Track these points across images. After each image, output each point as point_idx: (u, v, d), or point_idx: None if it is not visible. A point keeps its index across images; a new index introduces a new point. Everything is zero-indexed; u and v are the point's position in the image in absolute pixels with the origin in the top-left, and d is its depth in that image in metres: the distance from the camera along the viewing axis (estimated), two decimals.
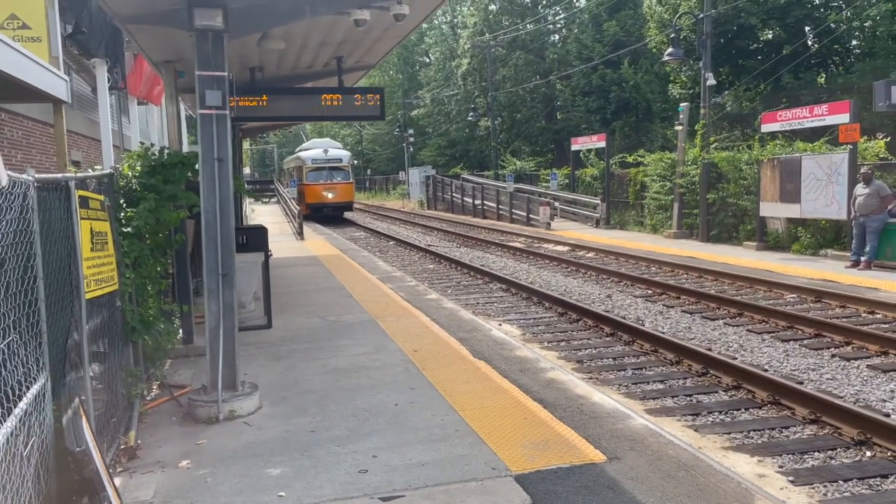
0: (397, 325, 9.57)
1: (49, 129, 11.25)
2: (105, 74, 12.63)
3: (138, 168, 6.73)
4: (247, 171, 66.21)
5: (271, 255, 10.13)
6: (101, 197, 5.30)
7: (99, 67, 12.53)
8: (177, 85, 9.44)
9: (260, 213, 37.14)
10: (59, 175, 4.34)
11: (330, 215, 35.36)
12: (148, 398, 6.64)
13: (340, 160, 36.70)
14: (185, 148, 14.03)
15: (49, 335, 3.84)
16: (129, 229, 6.16)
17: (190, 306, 8.05)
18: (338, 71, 10.52)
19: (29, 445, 3.28)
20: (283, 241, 22.20)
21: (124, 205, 6.34)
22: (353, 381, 7.07)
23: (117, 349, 5.76)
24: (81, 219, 4.57)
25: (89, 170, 6.40)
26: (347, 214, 38.10)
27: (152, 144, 9.80)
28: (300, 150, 40.23)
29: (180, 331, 8.27)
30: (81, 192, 4.64)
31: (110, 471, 4.43)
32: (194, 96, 9.21)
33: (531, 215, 28.23)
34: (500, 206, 32.07)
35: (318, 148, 37.68)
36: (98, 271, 4.93)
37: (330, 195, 35.38)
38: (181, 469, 5.02)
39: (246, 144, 41.63)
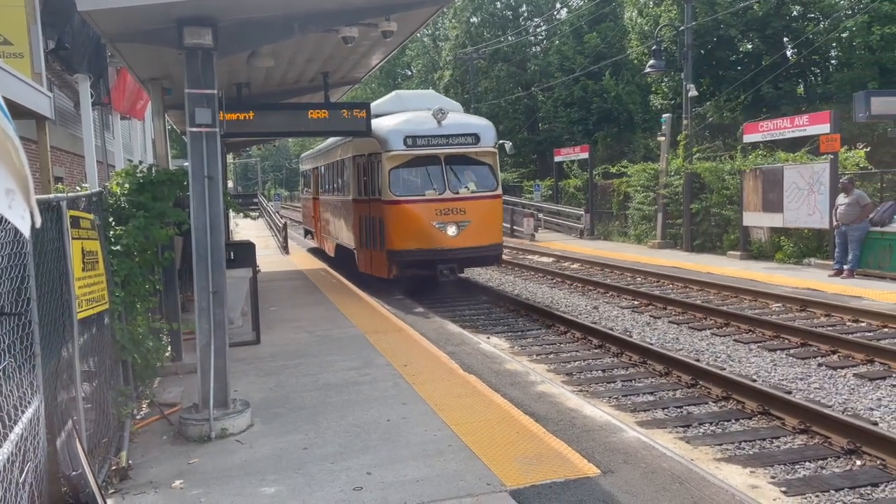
0: (386, 339, 9.56)
1: (31, 146, 11.14)
2: (88, 90, 12.57)
3: (127, 186, 6.70)
4: (230, 184, 65.91)
5: (259, 270, 10.09)
6: (92, 216, 5.27)
7: (82, 83, 12.47)
8: (164, 102, 9.41)
9: (244, 226, 36.92)
10: (52, 196, 4.32)
11: (449, 276, 13.95)
12: (138, 417, 6.58)
13: (476, 138, 14.50)
14: (170, 162, 13.99)
15: (42, 357, 3.81)
16: (118, 247, 6.13)
17: (179, 323, 7.99)
18: (324, 86, 10.55)
19: (25, 471, 3.25)
20: (268, 255, 22.10)
21: (113, 223, 6.30)
22: (344, 396, 7.04)
23: (107, 368, 5.71)
24: (73, 239, 4.54)
25: (77, 188, 6.36)
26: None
27: (140, 162, 9.76)
28: (371, 115, 11.39)
29: (169, 348, 8.21)
30: (73, 212, 4.61)
31: (103, 493, 4.38)
32: (180, 112, 9.16)
33: (515, 227, 28.32)
34: None
35: (421, 109, 14.98)
36: (89, 291, 4.90)
37: (452, 229, 13.77)
38: (174, 489, 4.98)
39: (229, 158, 40.60)
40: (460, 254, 13.78)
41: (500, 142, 14.56)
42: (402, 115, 14.57)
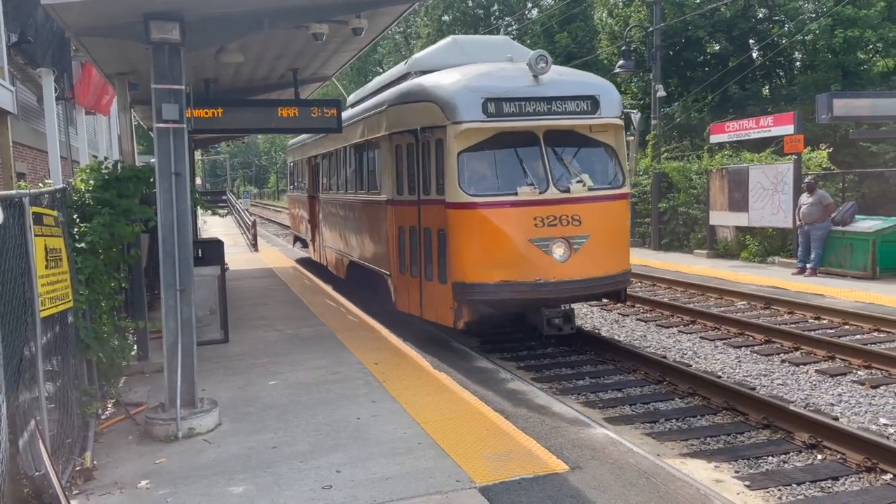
0: (356, 337, 9.52)
1: None
2: (52, 84, 12.34)
3: (91, 182, 6.59)
4: (198, 181, 65.15)
5: (227, 268, 9.99)
6: (55, 213, 5.18)
7: (45, 77, 12.24)
8: (130, 97, 9.26)
9: (212, 223, 36.52)
10: (14, 192, 4.24)
11: (562, 328, 8.64)
12: (103, 417, 6.48)
13: (594, 103, 8.94)
14: (136, 158, 13.78)
15: (3, 356, 3.74)
16: (82, 245, 6.03)
17: (145, 322, 7.88)
18: (294, 83, 10.47)
19: None
20: (238, 252, 21.90)
21: (78, 220, 6.20)
22: (314, 395, 7.01)
23: (71, 367, 5.62)
24: (36, 236, 4.46)
25: (40, 184, 6.26)
26: None
27: (106, 158, 9.61)
28: (416, 70, 10.55)
29: (135, 347, 8.10)
30: (35, 209, 4.53)
31: (67, 493, 4.32)
32: (147, 108, 9.03)
33: None
34: None
35: (499, 59, 9.71)
36: (53, 289, 4.82)
37: (561, 249, 8.42)
38: (140, 490, 4.92)
39: (197, 155, 39.94)
40: (574, 289, 8.59)
41: (626, 111, 9.24)
42: (474, 68, 9.28)
